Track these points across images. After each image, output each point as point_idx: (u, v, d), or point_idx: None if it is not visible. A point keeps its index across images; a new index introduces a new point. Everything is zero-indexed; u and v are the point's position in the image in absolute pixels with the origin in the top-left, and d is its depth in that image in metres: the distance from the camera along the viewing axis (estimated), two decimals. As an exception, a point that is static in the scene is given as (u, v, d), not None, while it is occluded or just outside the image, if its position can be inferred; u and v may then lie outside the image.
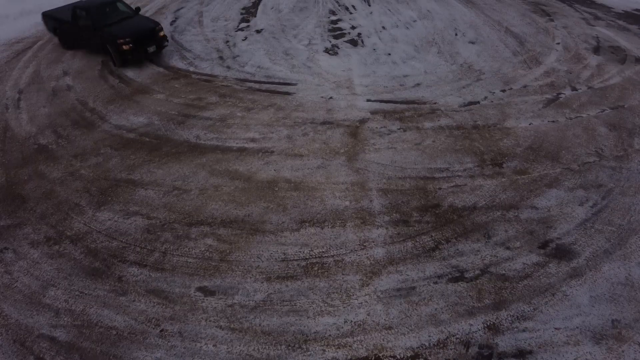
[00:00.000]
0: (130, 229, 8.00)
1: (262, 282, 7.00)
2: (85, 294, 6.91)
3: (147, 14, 18.72)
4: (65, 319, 6.57)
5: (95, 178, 9.23)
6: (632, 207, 8.21)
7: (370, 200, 8.47)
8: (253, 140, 10.25)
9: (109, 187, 8.98)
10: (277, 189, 8.81)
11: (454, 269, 7.12)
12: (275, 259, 7.39)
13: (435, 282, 6.93)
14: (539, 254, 7.32)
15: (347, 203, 8.42)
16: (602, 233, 7.69)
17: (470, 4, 19.07)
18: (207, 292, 6.88)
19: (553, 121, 10.73)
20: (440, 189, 8.73)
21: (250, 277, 7.08)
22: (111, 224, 8.13)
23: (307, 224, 8.00)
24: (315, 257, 7.39)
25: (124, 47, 13.28)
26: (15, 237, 7.96)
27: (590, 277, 6.94)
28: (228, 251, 7.53)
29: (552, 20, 17.06)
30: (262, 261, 7.35)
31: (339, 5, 19.53)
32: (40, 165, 9.68)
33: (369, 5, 19.41)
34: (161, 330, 6.39)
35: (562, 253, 7.33)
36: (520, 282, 6.87)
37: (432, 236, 7.72)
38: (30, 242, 7.84)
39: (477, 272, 7.07)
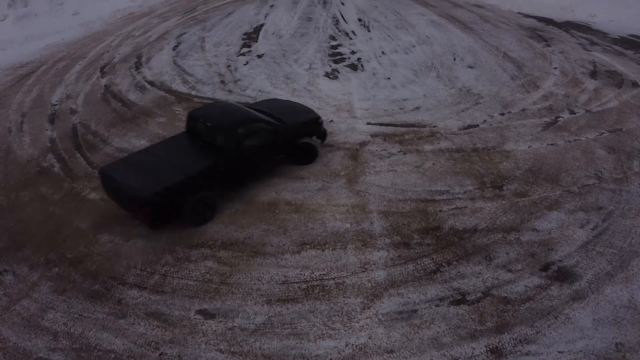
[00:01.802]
0: (130, 251, 7.97)
1: (263, 305, 6.95)
2: (84, 316, 6.85)
3: (149, 40, 19.02)
4: (63, 342, 6.50)
5: (96, 200, 9.24)
6: (632, 229, 8.20)
7: (371, 223, 8.47)
8: (254, 162, 10.28)
9: (109, 209, 8.97)
10: (277, 211, 8.81)
11: (455, 292, 7.08)
12: (276, 281, 7.34)
13: (437, 305, 6.88)
14: (541, 277, 7.29)
15: (348, 225, 8.42)
16: (604, 255, 7.66)
17: (468, 30, 19.38)
18: (207, 315, 6.83)
19: (552, 144, 10.80)
20: (440, 211, 8.73)
21: (251, 300, 7.03)
22: (111, 246, 8.10)
23: (307, 247, 7.98)
24: (316, 280, 7.35)
25: (325, 128, 10.54)
26: (15, 259, 7.93)
27: (593, 299, 6.89)
28: (228, 273, 7.49)
29: (549, 45, 17.32)
30: (263, 284, 7.30)
31: (339, 31, 19.84)
32: (41, 187, 9.70)
33: (369, 31, 19.72)
34: (160, 354, 6.31)
35: (564, 275, 7.30)
36: (522, 305, 6.82)
37: (433, 258, 7.69)
38: (29, 265, 7.80)
39: (479, 294, 7.02)
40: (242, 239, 8.17)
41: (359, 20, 21.52)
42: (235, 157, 8.84)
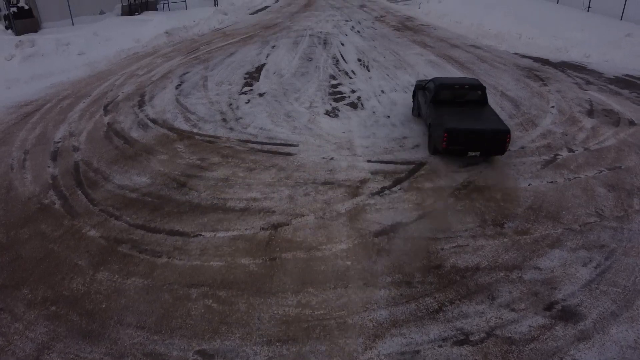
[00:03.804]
0: (129, 290, 7.89)
1: (263, 345, 6.82)
2: (81, 357, 6.71)
3: (153, 79, 19.38)
4: (58, 384, 6.35)
5: (96, 237, 9.21)
6: (636, 267, 8.14)
7: (373, 261, 8.41)
8: (255, 200, 10.31)
9: (109, 247, 8.93)
10: (278, 249, 8.76)
11: (458, 332, 6.96)
12: (276, 321, 7.23)
13: (440, 346, 6.76)
14: (545, 316, 7.18)
15: (349, 264, 8.36)
16: (608, 294, 7.58)
17: (466, 69, 19.76)
18: (206, 355, 6.69)
19: (552, 182, 10.85)
20: (442, 249, 8.69)
21: (250, 340, 6.90)
22: (110, 285, 8.02)
23: (308, 285, 7.90)
24: (317, 319, 7.24)
25: None
26: (12, 297, 7.83)
27: (599, 340, 6.77)
28: (228, 313, 7.39)
29: (545, 85, 17.63)
30: (263, 323, 7.19)
31: (339, 71, 20.23)
32: (41, 224, 9.68)
33: (368, 71, 20.11)
34: (157, 397, 6.15)
35: (569, 315, 7.20)
36: (527, 346, 6.70)
37: (435, 297, 7.60)
38: (26, 303, 7.70)
39: (482, 334, 6.90)
40: (242, 277, 8.10)
41: (359, 60, 21.98)
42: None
